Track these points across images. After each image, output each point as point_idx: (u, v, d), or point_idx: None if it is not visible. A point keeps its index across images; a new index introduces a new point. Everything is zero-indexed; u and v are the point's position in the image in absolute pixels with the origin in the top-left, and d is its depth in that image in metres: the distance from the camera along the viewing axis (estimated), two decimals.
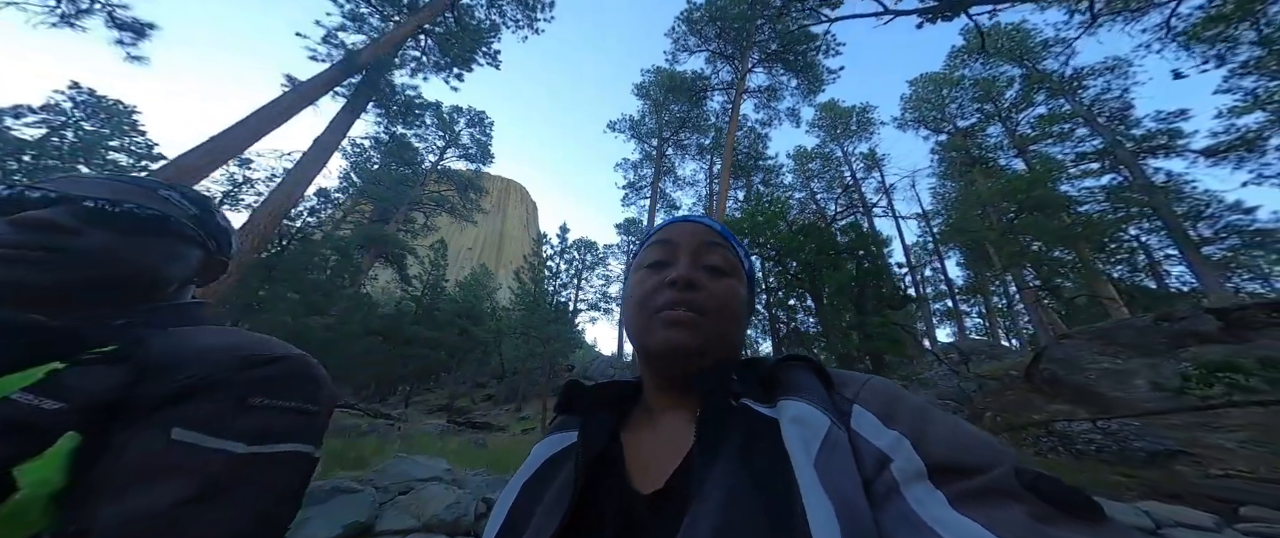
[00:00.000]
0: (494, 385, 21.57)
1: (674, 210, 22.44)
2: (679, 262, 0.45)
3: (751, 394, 0.39)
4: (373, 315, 16.53)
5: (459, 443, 9.32)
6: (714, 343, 0.42)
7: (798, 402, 0.36)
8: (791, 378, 0.39)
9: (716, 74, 16.11)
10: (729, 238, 0.49)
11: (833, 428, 0.34)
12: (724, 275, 0.45)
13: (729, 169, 13.71)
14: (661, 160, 21.02)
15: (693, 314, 0.41)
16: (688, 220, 0.49)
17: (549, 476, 0.42)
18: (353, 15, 11.20)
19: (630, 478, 0.39)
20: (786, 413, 0.35)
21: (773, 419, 0.36)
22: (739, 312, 0.45)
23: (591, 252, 27.98)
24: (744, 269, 0.48)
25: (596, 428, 0.43)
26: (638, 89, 21.16)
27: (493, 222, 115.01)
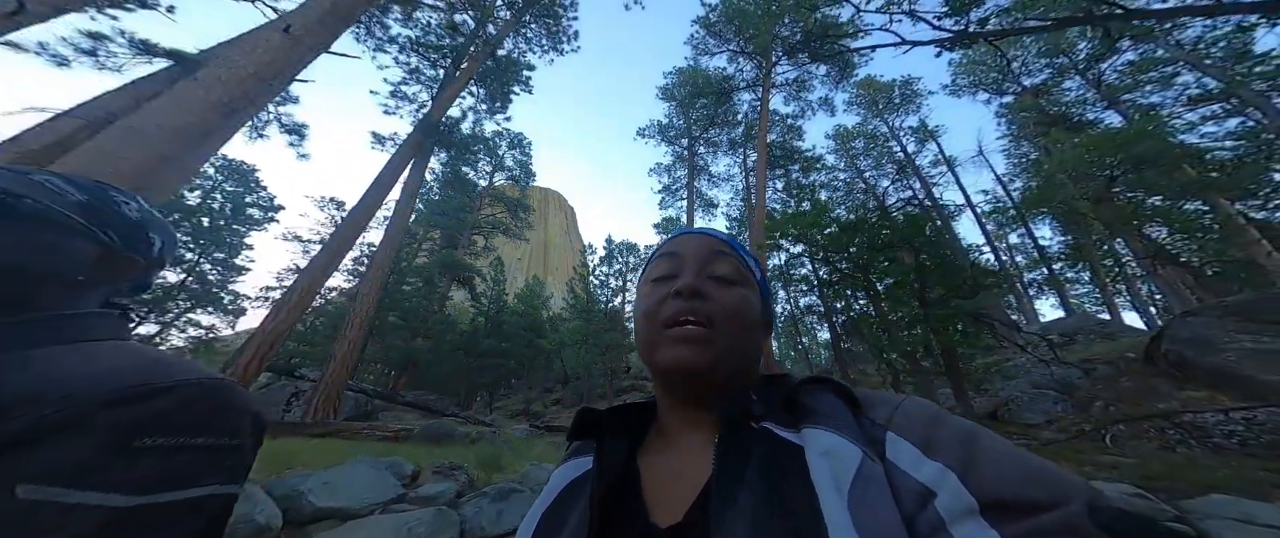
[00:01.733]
0: (559, 390, 23.41)
1: (712, 208, 22.67)
2: (685, 272, 0.44)
3: (774, 417, 0.36)
4: (455, 332, 18.79)
5: (544, 445, 10.63)
6: (726, 356, 0.40)
7: (826, 432, 0.33)
8: (816, 403, 0.37)
9: (740, 72, 16.25)
10: (737, 248, 0.48)
11: (866, 461, 0.31)
12: (733, 285, 0.43)
13: (764, 164, 13.88)
14: (693, 160, 21.45)
15: (701, 326, 0.40)
16: (693, 232, 0.48)
17: (567, 503, 0.40)
18: (412, 70, 13.15)
19: (649, 509, 0.37)
20: (814, 444, 0.33)
21: (797, 446, 0.33)
22: (752, 322, 0.43)
23: (634, 253, 29.04)
24: (756, 279, 0.47)
25: (611, 455, 0.42)
26: (662, 92, 21.65)
27: (536, 232, 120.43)
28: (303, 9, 4.16)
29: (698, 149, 21.45)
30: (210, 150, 3.49)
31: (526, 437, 12.54)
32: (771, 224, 10.42)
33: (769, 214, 14.12)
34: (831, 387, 0.38)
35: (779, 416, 0.36)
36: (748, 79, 15.97)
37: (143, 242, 0.53)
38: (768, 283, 0.50)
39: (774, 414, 0.36)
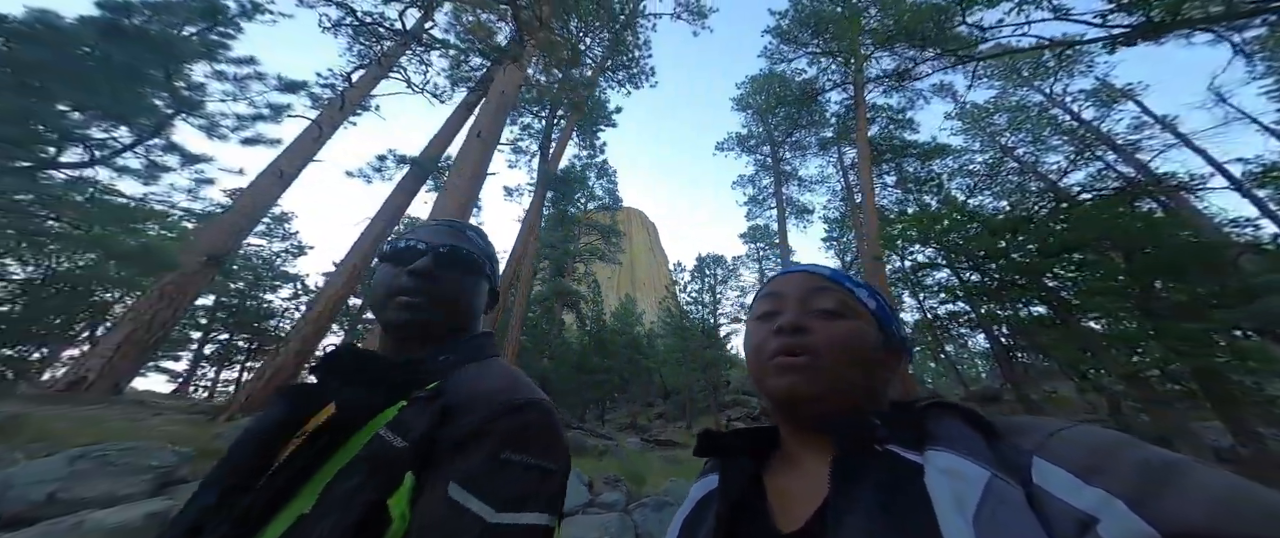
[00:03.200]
0: (661, 404, 24.29)
1: (806, 216, 21.63)
2: (786, 310, 0.46)
3: (900, 439, 0.37)
4: (571, 352, 21.09)
5: (657, 458, 11.34)
6: (835, 385, 0.41)
7: (947, 453, 0.34)
8: (939, 427, 0.37)
9: (824, 73, 15.59)
10: (842, 281, 0.48)
11: (996, 481, 0.30)
12: (839, 317, 0.44)
13: (868, 161, 12.79)
14: (778, 166, 20.90)
15: (804, 357, 0.42)
16: (794, 270, 0.50)
17: (702, 514, 0.45)
18: (525, 127, 15.87)
19: (773, 520, 0.40)
20: (935, 463, 0.34)
21: (916, 465, 0.34)
22: (864, 352, 0.43)
23: (721, 265, 28.95)
24: (871, 309, 0.47)
25: (735, 473, 0.45)
26: (736, 103, 21.69)
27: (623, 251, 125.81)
28: (481, 109, 5.92)
29: (782, 154, 20.87)
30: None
31: (640, 450, 13.51)
32: (887, 229, 9.38)
33: (881, 213, 12.95)
34: (959, 413, 0.38)
35: (904, 438, 0.37)
36: (835, 78, 15.24)
37: (498, 277, 0.71)
38: (889, 311, 0.48)
39: (899, 437, 0.37)
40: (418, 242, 0.61)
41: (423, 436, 0.44)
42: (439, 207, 5.51)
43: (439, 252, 0.60)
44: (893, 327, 0.48)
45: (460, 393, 0.49)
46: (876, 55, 13.50)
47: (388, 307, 0.58)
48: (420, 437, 0.43)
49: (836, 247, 20.38)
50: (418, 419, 0.45)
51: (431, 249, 0.60)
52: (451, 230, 0.65)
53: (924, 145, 15.66)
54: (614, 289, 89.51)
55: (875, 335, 0.46)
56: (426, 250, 0.60)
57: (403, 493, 0.41)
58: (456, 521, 0.39)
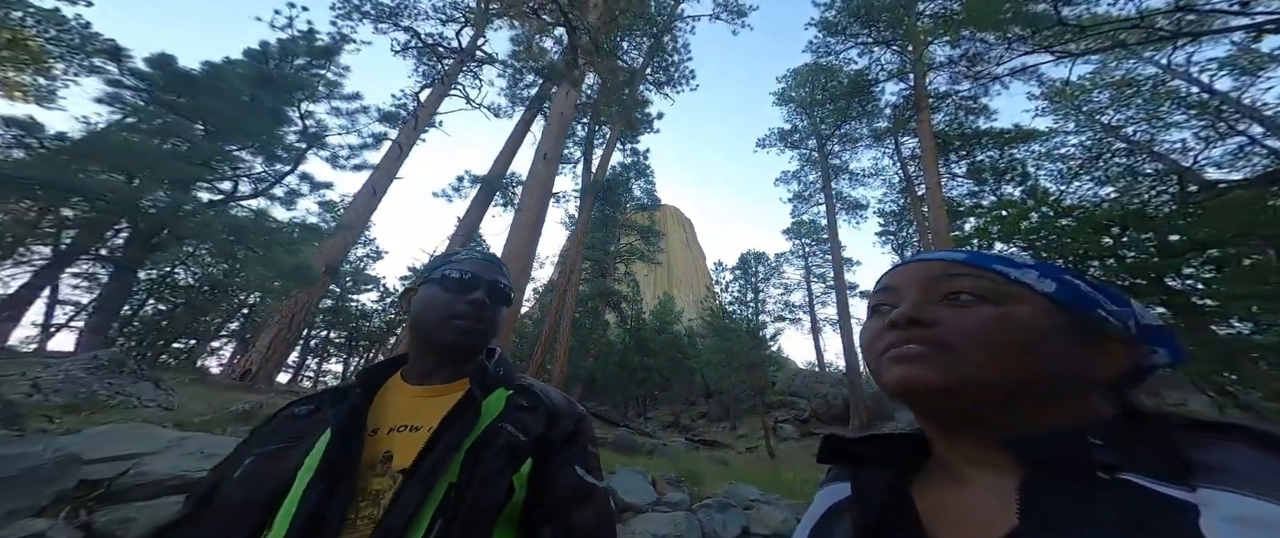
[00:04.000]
0: (703, 403, 24.22)
1: (859, 211, 20.59)
2: (903, 303, 0.39)
3: (1141, 467, 0.28)
4: (615, 351, 21.59)
5: (700, 458, 11.37)
6: (977, 379, 0.34)
7: (1244, 496, 0.24)
8: (1218, 457, 0.27)
9: (877, 63, 14.74)
10: (987, 263, 0.39)
11: None
12: (981, 303, 0.36)
13: (933, 153, 11.99)
14: (826, 160, 20.05)
15: (925, 347, 0.36)
16: (917, 259, 0.43)
17: (831, 525, 0.41)
18: (568, 135, 16.52)
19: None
20: (1220, 507, 0.24)
21: (1188, 505, 0.25)
22: (1026, 342, 0.34)
23: (762, 262, 28.23)
24: (1044, 290, 0.37)
25: (870, 483, 0.39)
26: (778, 97, 21.01)
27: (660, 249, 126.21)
28: (544, 133, 6.41)
29: (831, 148, 19.99)
30: (535, 248, 5.88)
31: (686, 449, 13.61)
32: (957, 229, 8.88)
33: (949, 205, 11.99)
34: (1261, 439, 0.27)
35: (1151, 466, 0.28)
36: (890, 68, 14.38)
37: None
38: (1076, 291, 0.38)
39: (1141, 465, 0.28)
40: (469, 273, 0.72)
41: (539, 435, 0.63)
42: (516, 224, 6.07)
43: (491, 286, 0.73)
44: (1100, 311, 0.37)
45: (551, 405, 0.69)
46: (939, 42, 12.56)
47: (445, 329, 0.68)
48: (537, 435, 0.63)
49: (894, 242, 19.26)
50: (532, 422, 0.64)
51: (484, 284, 0.72)
52: (493, 266, 0.76)
53: (1001, 132, 13.87)
54: (651, 287, 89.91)
55: (1045, 320, 0.36)
56: (479, 283, 0.71)
57: (523, 473, 0.59)
58: (586, 488, 0.63)
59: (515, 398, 0.67)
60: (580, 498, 0.61)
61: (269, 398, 4.98)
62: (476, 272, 0.73)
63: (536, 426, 0.64)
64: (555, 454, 0.63)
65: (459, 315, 0.68)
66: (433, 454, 0.56)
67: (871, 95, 15.72)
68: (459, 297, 0.70)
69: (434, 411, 0.61)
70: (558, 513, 0.59)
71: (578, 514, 0.60)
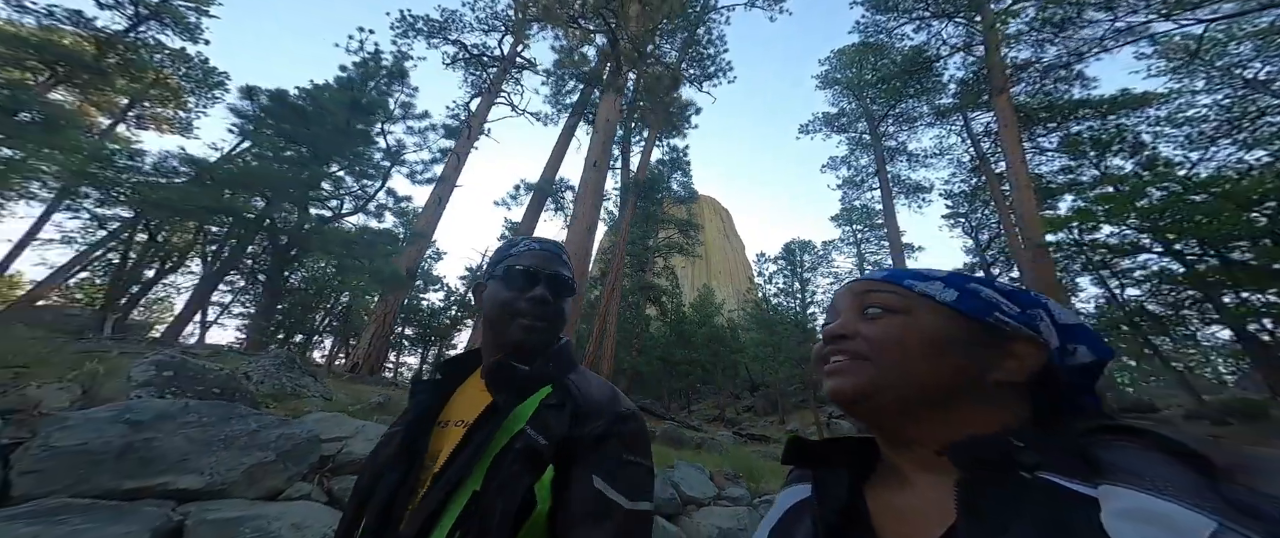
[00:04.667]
0: (749, 397, 23.87)
1: (922, 194, 19.01)
2: (836, 320, 0.44)
3: (1059, 467, 0.30)
4: (657, 345, 21.80)
5: (749, 453, 11.24)
6: (887, 384, 0.38)
7: (1141, 493, 0.26)
8: (1121, 457, 0.29)
9: (936, 37, 13.35)
10: (898, 279, 0.44)
11: (1226, 533, 0.23)
12: (890, 313, 0.41)
13: (1015, 129, 10.53)
14: (880, 143, 18.67)
15: (841, 359, 0.40)
16: (853, 282, 0.47)
17: (792, 525, 0.43)
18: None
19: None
20: (1116, 502, 0.26)
21: (1089, 498, 0.27)
22: (926, 347, 0.38)
23: (808, 251, 27.00)
24: (946, 300, 0.40)
25: (831, 484, 0.42)
26: (821, 80, 19.76)
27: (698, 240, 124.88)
28: (591, 141, 6.62)
29: (885, 129, 18.56)
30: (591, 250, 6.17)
31: (734, 443, 13.53)
32: (1051, 211, 7.82)
33: (1037, 182, 10.78)
34: (1156, 443, 0.29)
35: (1064, 465, 0.30)
36: (953, 42, 13.00)
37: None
38: (974, 298, 0.40)
39: (1057, 464, 0.30)
40: (531, 267, 0.69)
41: (562, 436, 0.54)
42: (572, 230, 6.35)
43: (553, 280, 0.69)
44: (995, 315, 0.39)
45: (581, 400, 0.59)
46: (1017, 6, 11.08)
47: (511, 328, 0.66)
48: (560, 437, 0.54)
49: (965, 224, 17.67)
50: (556, 422, 0.55)
51: (546, 278, 0.68)
52: (555, 257, 0.72)
53: (1103, 99, 11.80)
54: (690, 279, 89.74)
55: (943, 327, 0.39)
56: (540, 277, 0.68)
57: (546, 480, 0.52)
58: (604, 504, 0.51)
59: (549, 397, 0.59)
60: (592, 517, 0.50)
61: (393, 391, 5.58)
62: (537, 265, 0.70)
63: (560, 426, 0.55)
64: (577, 461, 0.54)
65: (522, 314, 0.66)
66: (459, 459, 0.53)
67: (932, 72, 14.33)
68: (521, 294, 0.67)
69: (475, 406, 0.59)
70: (562, 528, 0.51)
71: (582, 534, 0.49)
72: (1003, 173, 12.05)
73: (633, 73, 8.66)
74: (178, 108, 15.98)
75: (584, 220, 6.43)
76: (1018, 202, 9.74)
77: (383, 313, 8.54)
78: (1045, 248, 8.43)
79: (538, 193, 10.07)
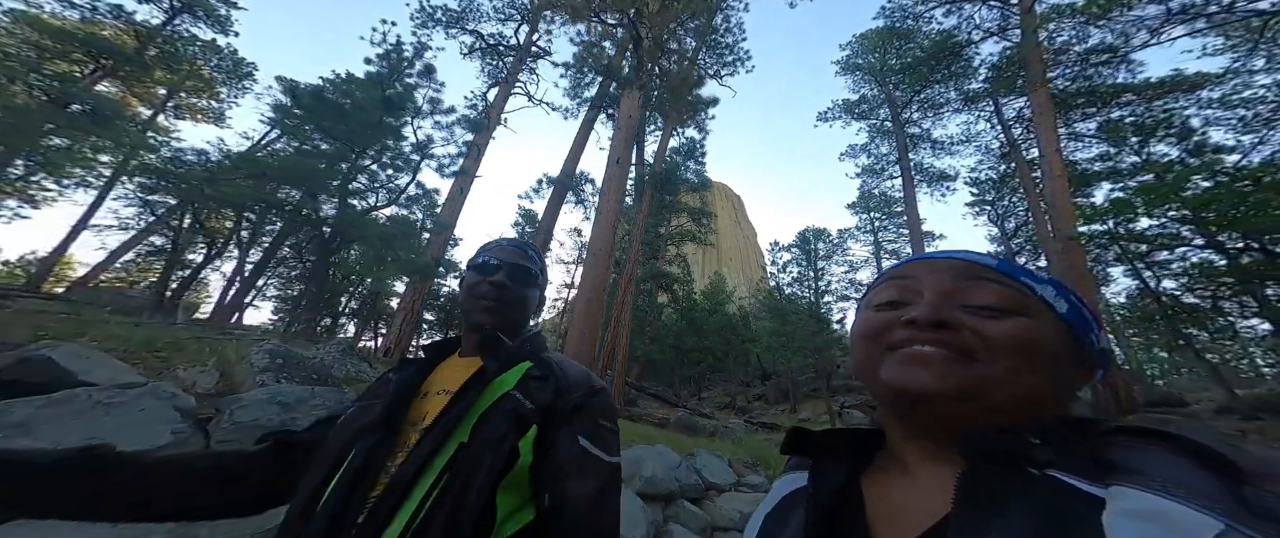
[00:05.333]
0: (759, 386, 24.07)
1: (945, 182, 18.54)
2: (923, 301, 0.37)
3: (1070, 466, 0.29)
4: (669, 333, 22.09)
5: (762, 441, 11.46)
6: (997, 390, 0.33)
7: (1149, 494, 0.25)
8: (1135, 459, 0.28)
9: (968, 21, 12.73)
10: (1016, 273, 0.38)
11: (1233, 534, 0.22)
12: (1007, 314, 0.35)
13: (1051, 116, 9.91)
14: (902, 129, 18.13)
15: (944, 351, 0.34)
16: (942, 256, 0.40)
17: (786, 514, 0.41)
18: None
19: (873, 533, 0.35)
20: (1123, 502, 0.25)
21: (1094, 498, 0.27)
22: (1044, 357, 0.34)
23: (823, 239, 26.58)
24: (1059, 310, 0.36)
25: (828, 475, 0.40)
26: (842, 65, 19.14)
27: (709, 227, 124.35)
28: (614, 139, 6.70)
29: (908, 115, 17.99)
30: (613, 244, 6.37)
31: (746, 432, 13.80)
32: (1084, 201, 7.56)
33: (1071, 169, 10.42)
34: (1182, 447, 0.28)
35: (1077, 465, 0.29)
36: (987, 26, 12.42)
37: (546, 280, 0.87)
38: (1082, 314, 0.37)
39: (1068, 463, 0.29)
40: (494, 258, 0.79)
41: (545, 403, 0.64)
42: (596, 227, 6.54)
43: (511, 268, 0.78)
44: (1092, 336, 0.38)
45: (562, 376, 0.70)
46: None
47: (475, 310, 0.77)
48: (544, 404, 0.64)
49: (991, 212, 17.20)
50: (540, 391, 0.66)
51: (505, 266, 0.78)
52: (518, 250, 0.82)
53: (1147, 83, 10.86)
54: (701, 265, 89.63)
55: (1062, 342, 0.36)
56: (501, 267, 0.78)
57: (529, 439, 0.61)
58: (590, 459, 0.62)
59: (532, 370, 0.69)
60: (579, 469, 0.61)
61: None
62: (501, 257, 0.80)
63: (544, 395, 0.65)
64: (560, 424, 0.64)
65: (482, 295, 0.76)
66: (448, 416, 0.61)
67: (961, 57, 13.76)
68: (483, 279, 0.78)
69: (464, 378, 0.67)
70: (556, 482, 0.60)
71: (575, 485, 0.59)
72: (1034, 160, 11.61)
73: (655, 67, 8.63)
74: (211, 98, 16.55)
75: (608, 217, 6.58)
76: (1050, 191, 9.42)
77: (412, 300, 9.02)
78: (1077, 239, 8.19)
79: (558, 186, 10.25)
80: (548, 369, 0.70)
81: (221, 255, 12.23)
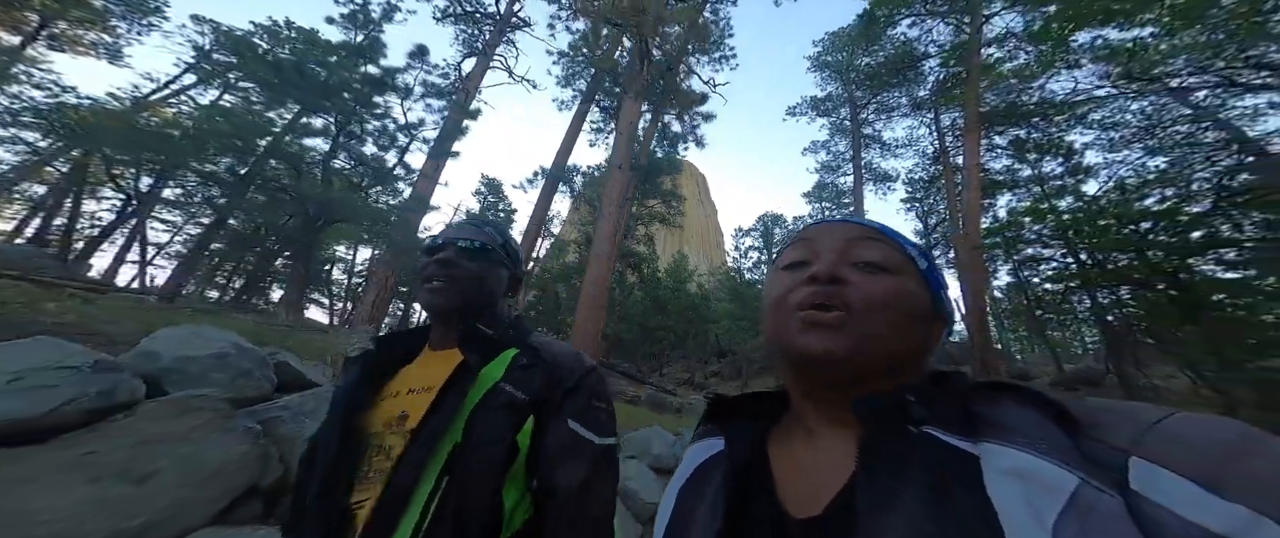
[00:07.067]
0: (716, 363, 25.90)
1: (887, 182, 20.43)
2: (821, 258, 0.41)
3: (940, 422, 0.32)
4: (636, 312, 22.93)
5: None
6: (869, 348, 0.36)
7: (1015, 449, 0.28)
8: (1002, 415, 0.32)
9: (927, 35, 13.88)
10: (892, 235, 0.43)
11: (1085, 488, 0.25)
12: (884, 272, 0.39)
13: (976, 127, 11.43)
14: (858, 130, 19.57)
15: (838, 312, 0.37)
16: (836, 220, 0.45)
17: (701, 483, 0.42)
18: (604, 110, 16.45)
19: (782, 499, 0.36)
20: (997, 461, 0.28)
21: (972, 456, 0.29)
22: (909, 316, 0.38)
23: (779, 224, 28.30)
24: (920, 269, 0.41)
25: (740, 438, 0.42)
26: (813, 61, 20.05)
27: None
28: (616, 145, 7.01)
29: (865, 117, 19.40)
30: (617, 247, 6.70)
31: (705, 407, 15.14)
32: (990, 229, 9.48)
33: (985, 178, 12.21)
34: (1028, 397, 0.32)
35: (947, 422, 0.32)
36: (942, 41, 13.64)
37: (520, 262, 0.82)
38: (938, 274, 0.43)
39: (940, 420, 0.32)
40: (441, 237, 0.74)
41: (537, 392, 0.64)
42: (599, 231, 6.84)
43: (458, 244, 0.72)
44: (942, 293, 0.42)
45: (552, 362, 0.68)
46: (1001, 14, 11.77)
47: (422, 291, 0.71)
48: (534, 393, 0.63)
49: (919, 208, 19.43)
50: (530, 380, 0.64)
51: (450, 243, 0.72)
52: (472, 226, 0.76)
53: (1048, 103, 12.35)
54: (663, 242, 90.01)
55: (925, 299, 0.40)
56: (447, 244, 0.72)
57: (526, 431, 0.61)
58: (580, 442, 0.62)
59: (518, 358, 0.67)
60: (570, 452, 0.60)
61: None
62: (448, 235, 0.74)
63: (535, 383, 0.64)
64: (553, 409, 0.63)
65: (429, 278, 0.71)
66: (436, 416, 0.58)
67: (918, 68, 15.10)
68: (430, 259, 0.72)
69: (441, 373, 0.63)
70: (546, 466, 0.59)
71: (565, 468, 0.59)
72: (958, 166, 13.33)
73: (662, 82, 8.77)
74: (102, 31, 13.97)
75: (609, 221, 6.89)
76: (967, 198, 11.10)
77: (386, 275, 8.91)
78: (981, 248, 10.05)
79: (551, 178, 10.22)
80: (535, 356, 0.68)
81: (139, 214, 10.98)
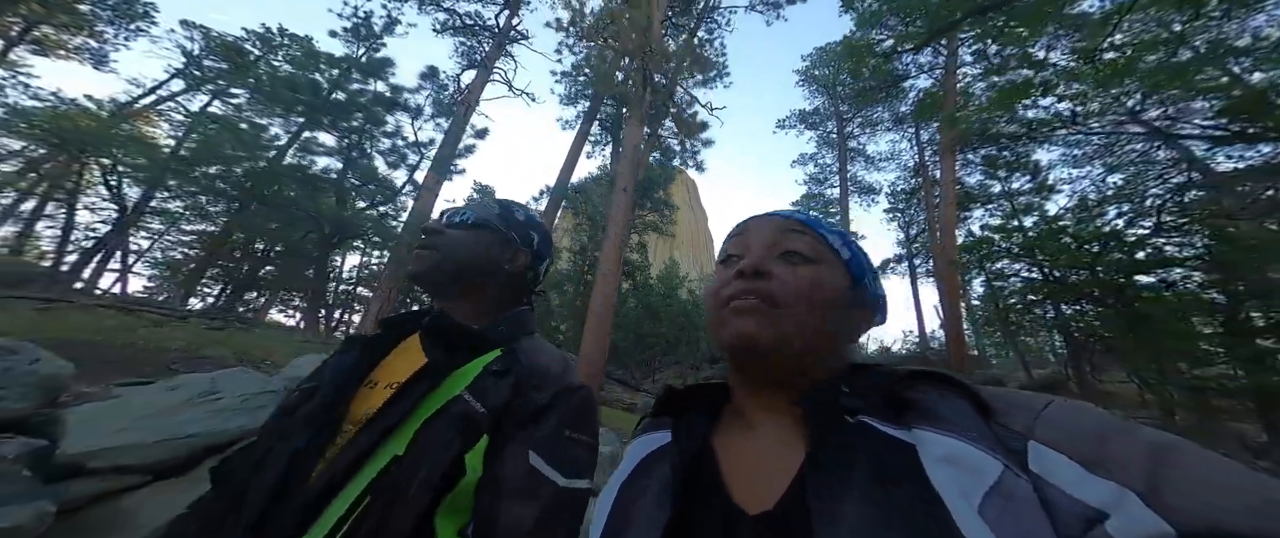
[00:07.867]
0: (707, 368, 26.25)
1: (871, 195, 21.29)
2: (750, 253, 0.43)
3: (873, 411, 0.34)
4: (630, 320, 23.19)
5: None
6: (794, 335, 0.38)
7: (947, 437, 0.30)
8: (931, 402, 0.33)
9: (906, 56, 14.67)
10: (816, 225, 0.45)
11: (1009, 474, 0.27)
12: (807, 262, 0.41)
13: (952, 147, 12.22)
14: (844, 143, 20.39)
15: (761, 302, 0.39)
16: (765, 215, 0.47)
17: (644, 477, 0.41)
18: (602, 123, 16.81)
19: (731, 493, 0.36)
20: (931, 449, 0.29)
21: (909, 445, 0.31)
22: (828, 301, 0.40)
23: None
24: (844, 258, 0.44)
25: (688, 431, 0.42)
26: (801, 75, 20.88)
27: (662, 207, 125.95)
28: (618, 174, 7.41)
29: (850, 130, 20.25)
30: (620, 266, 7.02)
31: None
32: (964, 248, 10.24)
33: (961, 191, 12.97)
34: (950, 385, 0.34)
35: (879, 411, 0.34)
36: (922, 62, 14.47)
37: (533, 239, 0.72)
38: (865, 264, 0.45)
39: (873, 409, 0.34)
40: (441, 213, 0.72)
41: (500, 405, 0.52)
42: (605, 252, 7.19)
43: (451, 213, 0.70)
44: (866, 280, 0.45)
45: (526, 368, 0.56)
46: (974, 42, 12.60)
47: (409, 262, 0.68)
48: (498, 405, 0.51)
49: (901, 218, 20.31)
50: (495, 390, 0.53)
51: (444, 213, 0.71)
52: (472, 201, 0.75)
53: (1022, 122, 12.87)
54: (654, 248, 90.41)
55: (844, 285, 0.42)
56: (439, 218, 0.71)
57: (479, 450, 0.49)
58: (537, 481, 0.49)
59: (493, 363, 0.56)
60: (520, 493, 0.47)
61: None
62: (443, 213, 0.71)
63: (500, 394, 0.52)
64: (515, 431, 0.51)
65: (417, 245, 0.66)
66: (381, 421, 0.49)
67: (901, 87, 15.97)
68: (417, 235, 0.70)
69: (410, 369, 0.54)
70: (489, 499, 0.47)
71: (510, 509, 0.46)
72: (937, 179, 14.12)
73: (666, 105, 9.17)
74: (89, 36, 13.85)
75: (615, 241, 7.22)
76: (944, 212, 11.81)
77: (390, 286, 9.08)
78: (956, 263, 10.82)
79: (554, 197, 10.49)
80: (512, 361, 0.57)
81: (132, 224, 10.92)
